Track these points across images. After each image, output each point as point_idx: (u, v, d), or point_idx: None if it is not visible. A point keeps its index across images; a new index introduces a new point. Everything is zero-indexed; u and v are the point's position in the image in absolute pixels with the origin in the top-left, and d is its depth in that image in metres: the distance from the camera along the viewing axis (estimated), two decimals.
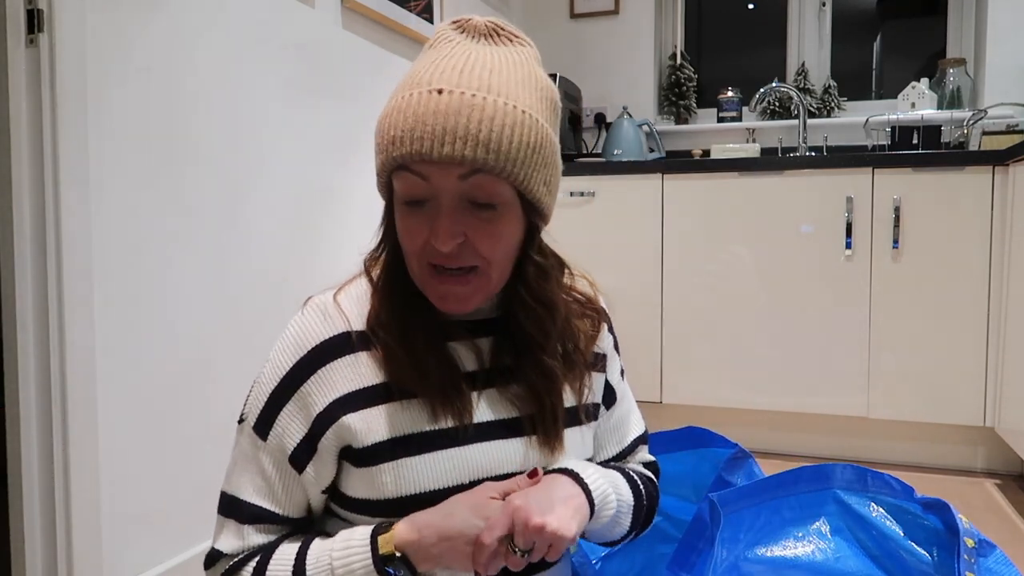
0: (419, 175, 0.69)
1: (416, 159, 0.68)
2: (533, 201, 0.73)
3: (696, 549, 0.88)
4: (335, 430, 0.74)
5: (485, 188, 0.69)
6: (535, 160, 0.71)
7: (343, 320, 0.77)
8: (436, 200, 0.70)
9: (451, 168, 0.68)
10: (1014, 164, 2.14)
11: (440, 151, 0.66)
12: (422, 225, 0.71)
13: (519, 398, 0.79)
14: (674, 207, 2.57)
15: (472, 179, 0.69)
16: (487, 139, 0.67)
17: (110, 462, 1.37)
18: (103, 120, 1.35)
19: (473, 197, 0.70)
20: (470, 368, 0.79)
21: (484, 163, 0.67)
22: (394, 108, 0.70)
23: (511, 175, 0.69)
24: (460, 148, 0.66)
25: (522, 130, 0.69)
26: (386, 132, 0.70)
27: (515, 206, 0.72)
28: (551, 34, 3.27)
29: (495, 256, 0.72)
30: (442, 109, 0.67)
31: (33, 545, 1.29)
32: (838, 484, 0.94)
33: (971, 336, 2.29)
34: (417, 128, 0.67)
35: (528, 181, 0.71)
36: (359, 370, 0.76)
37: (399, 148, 0.68)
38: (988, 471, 2.37)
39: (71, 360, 1.29)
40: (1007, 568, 0.82)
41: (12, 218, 1.25)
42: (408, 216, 0.72)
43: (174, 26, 1.49)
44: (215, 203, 1.60)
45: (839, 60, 3.13)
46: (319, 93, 1.94)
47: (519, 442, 0.78)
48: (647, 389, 2.57)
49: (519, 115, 0.69)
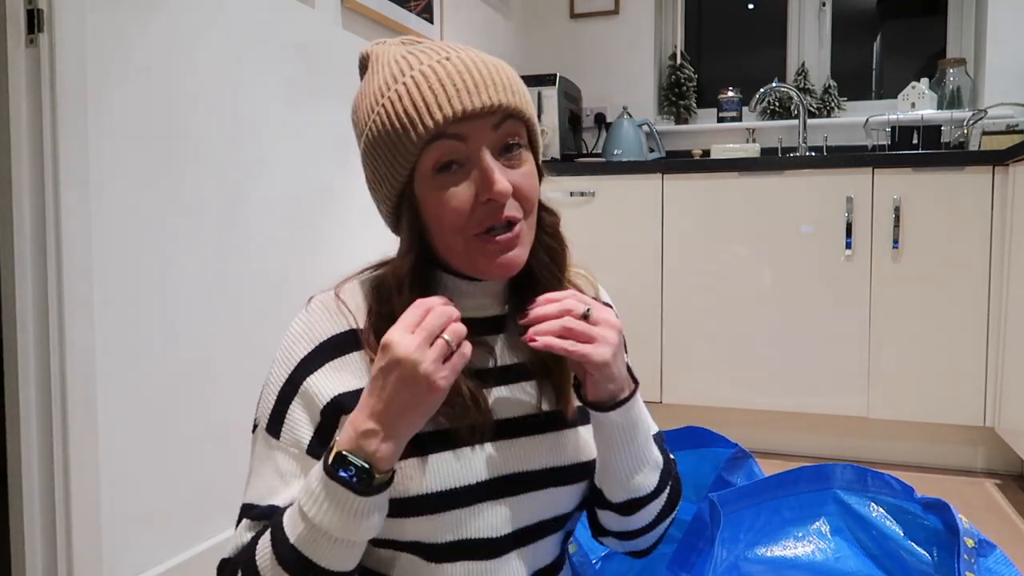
0: (455, 137, 0.71)
1: (457, 117, 0.70)
2: (537, 144, 0.78)
3: (696, 549, 0.88)
4: (343, 420, 0.73)
5: (514, 131, 0.74)
6: (530, 100, 0.77)
7: (350, 317, 0.77)
8: (476, 155, 0.71)
9: (486, 119, 0.71)
10: (1014, 164, 2.14)
11: (480, 100, 0.70)
12: (463, 191, 0.72)
13: (531, 396, 0.79)
14: (674, 207, 2.57)
15: (503, 126, 0.72)
16: (507, 83, 0.72)
17: (110, 462, 1.37)
18: (103, 120, 1.35)
19: (504, 143, 0.73)
20: (481, 366, 0.78)
21: (514, 106, 0.72)
22: (400, 97, 0.71)
23: (529, 116, 0.75)
24: (495, 95, 0.71)
25: (517, 79, 0.75)
26: (410, 110, 0.70)
27: (530, 149, 0.77)
28: (551, 34, 3.27)
29: (532, 201, 0.75)
30: (463, 68, 0.71)
31: (33, 545, 1.29)
32: (838, 484, 0.94)
33: (971, 336, 2.29)
34: (447, 90, 0.70)
35: (535, 122, 0.77)
36: (368, 367, 0.75)
37: (435, 113, 0.70)
38: (988, 471, 2.37)
39: (71, 360, 1.29)
40: (1007, 568, 0.82)
41: (12, 218, 1.25)
42: (443, 187, 0.72)
43: (174, 26, 1.49)
44: (215, 203, 1.60)
45: (839, 60, 3.13)
46: (319, 93, 1.94)
47: (532, 438, 0.78)
48: (647, 389, 2.56)
49: (504, 64, 0.75)
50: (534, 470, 0.78)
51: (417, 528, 0.74)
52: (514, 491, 0.77)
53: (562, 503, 0.80)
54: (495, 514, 0.76)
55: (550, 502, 0.79)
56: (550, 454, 0.79)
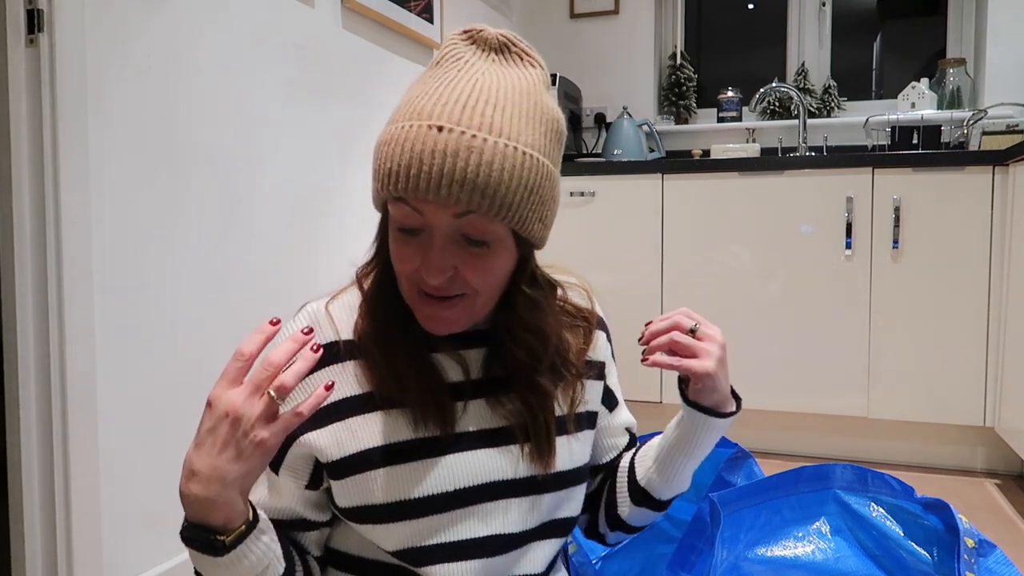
0: (414, 208, 0.69)
1: (411, 197, 0.68)
2: (527, 237, 0.73)
3: (696, 549, 0.88)
4: (310, 438, 0.76)
5: (478, 227, 0.69)
6: (532, 201, 0.71)
7: (332, 329, 0.78)
8: (429, 233, 0.70)
9: (446, 207, 0.68)
10: (1014, 164, 2.14)
11: (436, 193, 0.66)
12: (414, 253, 0.71)
13: (510, 411, 0.79)
14: (674, 207, 2.57)
15: (466, 218, 0.69)
16: (484, 184, 0.66)
17: (110, 462, 1.37)
18: (103, 120, 1.35)
19: (466, 233, 0.70)
20: (455, 378, 0.79)
21: (479, 207, 0.67)
22: (393, 138, 0.69)
23: (506, 217, 0.69)
24: (456, 191, 0.66)
25: (521, 172, 0.69)
26: (383, 163, 0.69)
27: (508, 241, 0.72)
28: (551, 34, 3.27)
29: (484, 287, 0.73)
30: (440, 149, 0.66)
31: (33, 545, 1.29)
32: (838, 484, 0.94)
33: (971, 336, 2.29)
34: (414, 166, 0.66)
35: (523, 221, 0.71)
36: (345, 379, 0.77)
37: (395, 183, 0.68)
38: (988, 471, 2.37)
39: (71, 360, 1.29)
40: (1007, 568, 0.82)
41: (12, 218, 1.25)
42: (401, 243, 0.73)
43: (174, 26, 1.49)
44: (215, 203, 1.60)
45: (839, 60, 3.13)
46: (319, 93, 1.94)
47: (508, 451, 0.79)
48: (647, 389, 2.57)
49: (519, 157, 0.69)
50: (509, 479, 0.79)
51: (399, 533, 0.76)
52: (489, 498, 0.78)
53: (544, 512, 0.81)
54: (473, 521, 0.77)
55: (531, 511, 0.80)
56: (529, 463, 0.79)
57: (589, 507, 0.94)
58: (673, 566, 0.88)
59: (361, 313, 0.79)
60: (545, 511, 0.81)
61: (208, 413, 0.66)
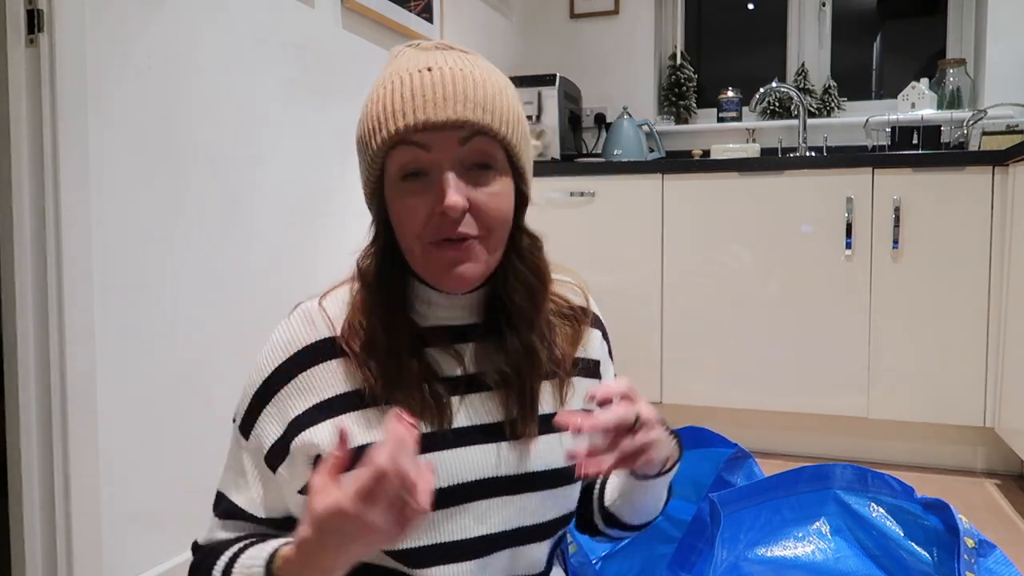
0: (419, 145, 0.71)
1: (418, 127, 0.70)
2: (520, 168, 0.76)
3: (696, 549, 0.88)
4: (307, 435, 0.76)
5: (483, 150, 0.72)
6: (521, 129, 0.75)
7: (327, 325, 0.78)
8: (438, 167, 0.71)
9: (452, 133, 0.70)
10: (1014, 164, 2.14)
11: (444, 114, 0.69)
12: (423, 200, 0.72)
13: (500, 403, 0.79)
14: (674, 207, 2.56)
15: (472, 142, 0.71)
16: (483, 101, 0.71)
17: (110, 462, 1.37)
18: (103, 120, 1.35)
19: (472, 160, 0.72)
20: (450, 373, 0.79)
21: (484, 124, 0.71)
22: (383, 94, 0.72)
23: (506, 137, 0.73)
24: (462, 110, 0.70)
25: (510, 99, 0.74)
26: (380, 113, 0.72)
27: (507, 172, 0.75)
28: (551, 34, 3.27)
29: (496, 222, 0.74)
30: (437, 80, 0.70)
31: (33, 545, 1.29)
32: (838, 484, 0.94)
33: (971, 336, 2.29)
34: (416, 98, 0.70)
35: (518, 145, 0.75)
36: (340, 375, 0.77)
37: (399, 120, 0.70)
38: (988, 471, 2.37)
39: (71, 360, 1.29)
40: (1007, 568, 0.82)
41: (12, 218, 1.25)
42: (407, 194, 0.73)
43: (174, 26, 1.49)
44: (215, 203, 1.60)
45: (839, 60, 3.13)
46: (319, 93, 1.94)
47: (501, 447, 0.79)
48: (647, 389, 2.57)
49: (503, 82, 0.75)
50: (503, 476, 0.78)
51: None
52: (483, 496, 0.78)
53: (536, 510, 0.81)
54: (467, 519, 0.77)
55: (525, 508, 0.80)
56: (520, 460, 0.79)
57: (584, 502, 0.94)
58: (673, 566, 0.88)
59: (355, 306, 0.79)
60: (540, 509, 0.81)
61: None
